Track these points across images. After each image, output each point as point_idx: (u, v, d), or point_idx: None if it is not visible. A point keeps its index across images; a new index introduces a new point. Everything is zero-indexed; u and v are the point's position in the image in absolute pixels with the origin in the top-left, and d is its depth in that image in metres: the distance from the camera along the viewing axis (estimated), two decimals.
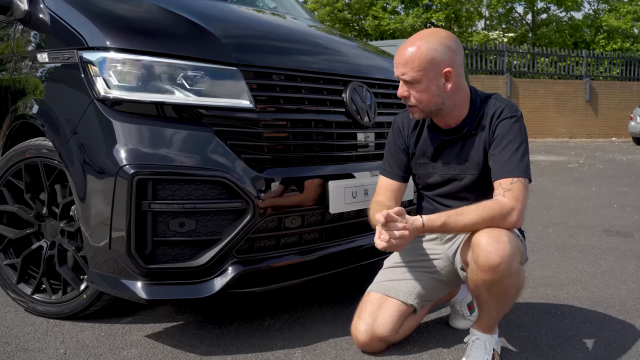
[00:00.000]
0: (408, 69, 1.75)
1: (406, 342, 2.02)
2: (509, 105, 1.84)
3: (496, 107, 1.84)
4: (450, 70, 1.76)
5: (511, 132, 1.79)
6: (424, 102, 1.79)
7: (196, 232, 1.85)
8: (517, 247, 1.71)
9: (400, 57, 1.77)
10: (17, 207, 2.23)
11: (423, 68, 1.74)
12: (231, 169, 1.86)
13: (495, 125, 1.81)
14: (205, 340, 2.03)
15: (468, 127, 1.86)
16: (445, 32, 1.82)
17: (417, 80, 1.76)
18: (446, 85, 1.78)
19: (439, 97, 1.79)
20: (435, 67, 1.75)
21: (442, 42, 1.76)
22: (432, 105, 1.80)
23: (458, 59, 1.79)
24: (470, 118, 1.86)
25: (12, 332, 2.06)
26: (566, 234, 3.92)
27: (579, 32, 26.03)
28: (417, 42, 1.76)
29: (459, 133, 1.88)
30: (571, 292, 2.65)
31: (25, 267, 2.24)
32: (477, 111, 1.85)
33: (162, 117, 1.87)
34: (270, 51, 2.14)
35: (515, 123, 1.80)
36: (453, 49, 1.77)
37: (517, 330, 2.16)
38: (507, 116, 1.81)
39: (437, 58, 1.74)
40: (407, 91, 1.80)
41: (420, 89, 1.77)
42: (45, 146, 2.10)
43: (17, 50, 2.34)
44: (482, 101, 1.87)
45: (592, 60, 17.92)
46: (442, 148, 1.91)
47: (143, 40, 1.94)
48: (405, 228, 1.67)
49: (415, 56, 1.74)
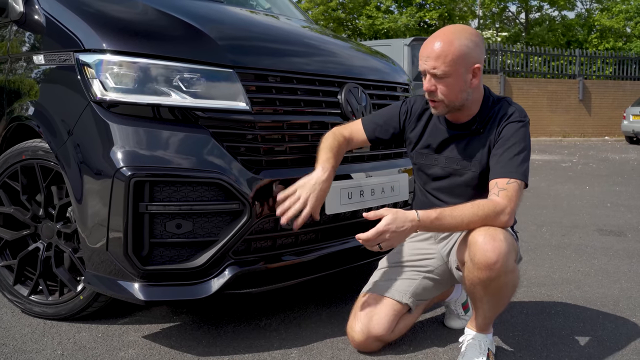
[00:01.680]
0: (440, 63, 1.77)
1: (402, 342, 2.04)
2: (519, 110, 1.87)
3: (506, 110, 1.87)
4: (479, 67, 1.80)
5: (516, 135, 1.82)
6: (450, 96, 1.81)
7: (193, 234, 1.86)
8: (513, 245, 1.73)
9: (431, 51, 1.78)
10: (13, 209, 2.23)
11: (455, 63, 1.76)
12: (227, 170, 1.86)
13: (502, 127, 1.84)
14: (202, 340, 2.04)
15: (477, 125, 1.88)
16: (473, 29, 1.85)
17: (447, 75, 1.78)
18: (472, 81, 1.81)
19: (464, 92, 1.81)
20: (466, 62, 1.77)
21: (472, 39, 1.79)
22: (458, 101, 1.82)
23: (483, 55, 1.84)
24: (480, 116, 1.88)
25: (9, 334, 2.06)
26: (560, 234, 3.95)
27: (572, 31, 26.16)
28: (448, 37, 1.78)
29: (467, 129, 1.90)
30: (565, 291, 2.67)
31: (22, 269, 2.24)
32: (488, 111, 1.88)
33: (159, 119, 1.88)
34: (266, 53, 2.15)
35: (521, 128, 1.83)
36: (480, 45, 1.81)
37: (511, 330, 2.18)
38: (515, 120, 1.84)
39: (468, 54, 1.77)
40: (434, 85, 1.81)
41: (448, 83, 1.79)
42: (41, 148, 2.10)
43: (13, 51, 2.34)
44: (494, 102, 1.90)
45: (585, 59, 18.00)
46: (448, 142, 1.94)
47: (139, 43, 1.94)
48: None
49: (448, 51, 1.76)
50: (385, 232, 1.68)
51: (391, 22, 21.38)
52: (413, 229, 1.72)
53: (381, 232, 1.68)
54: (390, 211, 1.71)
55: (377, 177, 2.28)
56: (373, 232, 1.69)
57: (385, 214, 1.70)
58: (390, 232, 1.69)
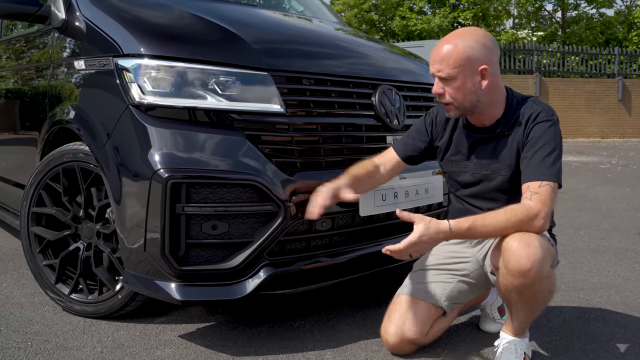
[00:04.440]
0: (444, 66, 1.76)
1: (436, 345, 2.02)
2: (545, 109, 1.82)
3: (532, 110, 1.82)
4: (486, 68, 1.76)
5: (545, 135, 1.78)
6: (459, 99, 1.79)
7: (228, 235, 1.88)
8: (548, 251, 1.69)
9: (437, 55, 1.78)
10: (55, 210, 2.29)
11: (459, 65, 1.75)
12: (262, 172, 1.88)
13: (530, 128, 1.80)
14: (237, 340, 2.06)
15: (502, 127, 1.85)
16: (482, 31, 1.82)
17: (452, 77, 1.76)
18: (482, 83, 1.78)
19: (474, 94, 1.79)
20: (471, 64, 1.75)
21: (479, 40, 1.76)
22: (467, 103, 1.80)
23: (494, 57, 1.80)
24: (504, 118, 1.85)
25: (51, 331, 2.13)
26: (599, 237, 3.85)
27: (611, 29, 25.47)
28: (453, 39, 1.77)
29: (492, 132, 1.87)
30: (604, 296, 2.61)
31: (63, 268, 2.31)
32: (513, 112, 1.85)
33: (195, 121, 1.91)
34: (300, 55, 2.16)
35: (550, 127, 1.79)
36: (489, 47, 1.78)
37: (548, 335, 2.14)
38: (543, 119, 1.80)
39: (473, 56, 1.75)
40: (442, 88, 1.80)
41: (455, 86, 1.78)
42: (82, 150, 2.16)
43: (55, 57, 2.42)
44: (518, 103, 1.86)
45: (624, 58, 17.51)
46: (474, 146, 1.91)
47: (176, 47, 1.98)
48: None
49: (451, 53, 1.75)
50: (417, 244, 1.67)
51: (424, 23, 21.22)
52: (444, 239, 1.71)
53: (413, 245, 1.67)
54: (423, 220, 1.68)
55: (411, 179, 2.27)
56: (405, 244, 1.68)
57: (417, 221, 1.68)
58: (422, 244, 1.68)
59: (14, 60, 2.98)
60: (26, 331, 2.12)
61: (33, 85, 2.62)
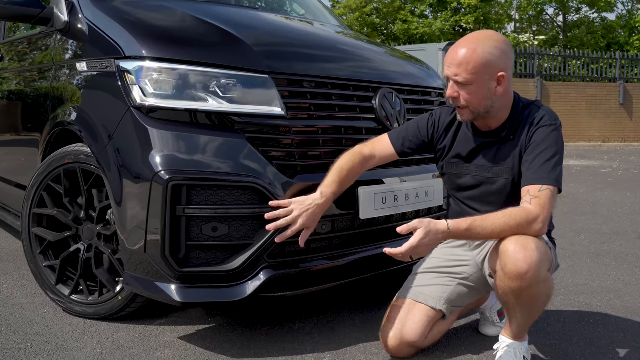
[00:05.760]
0: (462, 71, 1.75)
1: (435, 348, 2.03)
2: (549, 113, 1.83)
3: (537, 114, 1.83)
4: (503, 75, 1.76)
5: (548, 140, 1.78)
6: (474, 104, 1.79)
7: (229, 237, 1.89)
8: (546, 255, 1.70)
9: (454, 58, 1.77)
10: (56, 211, 2.30)
11: (477, 71, 1.74)
12: (263, 175, 1.89)
13: (533, 132, 1.80)
14: (236, 342, 2.07)
15: (507, 131, 1.85)
16: (500, 35, 1.82)
17: (469, 83, 1.76)
18: (497, 89, 1.78)
19: (489, 100, 1.79)
20: (490, 70, 1.75)
21: (498, 46, 1.76)
22: (482, 108, 1.80)
23: (510, 63, 1.80)
24: (510, 122, 1.85)
25: (51, 332, 2.13)
26: (599, 241, 3.85)
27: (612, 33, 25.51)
28: (472, 44, 1.76)
29: (497, 136, 1.88)
30: (604, 300, 2.61)
31: (64, 269, 2.31)
32: (518, 116, 1.85)
33: (196, 124, 1.92)
34: (301, 59, 2.17)
35: (553, 132, 1.79)
36: (507, 53, 1.78)
37: (548, 339, 2.14)
38: (546, 124, 1.80)
39: (492, 62, 1.74)
40: (457, 92, 1.80)
41: (470, 91, 1.77)
42: (83, 152, 2.17)
43: (57, 59, 2.42)
44: (523, 107, 1.87)
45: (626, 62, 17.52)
46: (478, 150, 1.91)
47: (178, 49, 1.99)
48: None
49: (470, 58, 1.74)
50: (418, 246, 1.69)
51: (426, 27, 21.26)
52: (444, 239, 1.74)
53: (415, 247, 1.69)
54: (422, 223, 1.70)
55: (411, 182, 2.27)
56: (406, 248, 1.69)
57: (417, 226, 1.70)
58: (423, 246, 1.70)
59: (17, 62, 2.99)
60: (26, 332, 2.13)
61: (35, 87, 2.63)
